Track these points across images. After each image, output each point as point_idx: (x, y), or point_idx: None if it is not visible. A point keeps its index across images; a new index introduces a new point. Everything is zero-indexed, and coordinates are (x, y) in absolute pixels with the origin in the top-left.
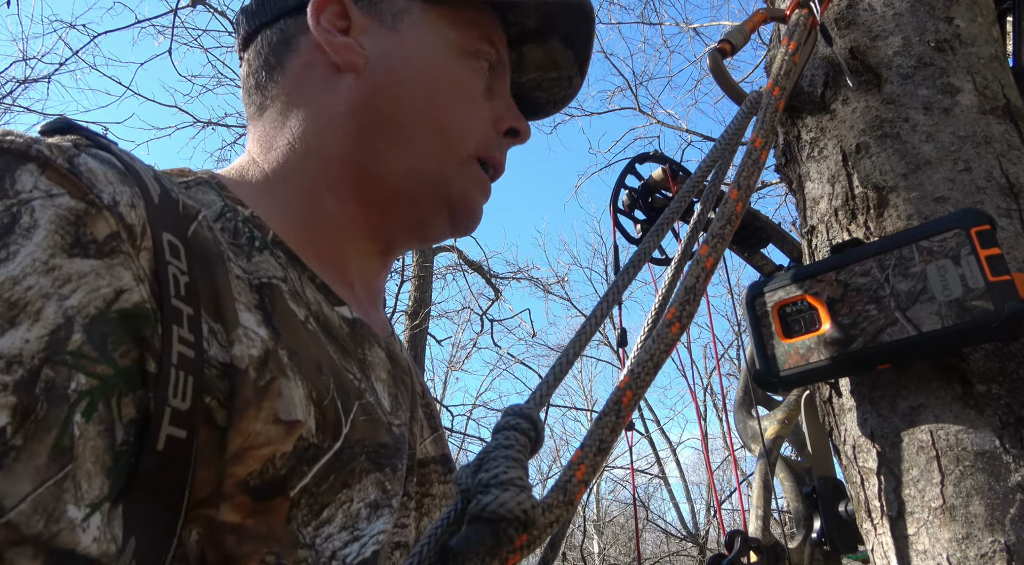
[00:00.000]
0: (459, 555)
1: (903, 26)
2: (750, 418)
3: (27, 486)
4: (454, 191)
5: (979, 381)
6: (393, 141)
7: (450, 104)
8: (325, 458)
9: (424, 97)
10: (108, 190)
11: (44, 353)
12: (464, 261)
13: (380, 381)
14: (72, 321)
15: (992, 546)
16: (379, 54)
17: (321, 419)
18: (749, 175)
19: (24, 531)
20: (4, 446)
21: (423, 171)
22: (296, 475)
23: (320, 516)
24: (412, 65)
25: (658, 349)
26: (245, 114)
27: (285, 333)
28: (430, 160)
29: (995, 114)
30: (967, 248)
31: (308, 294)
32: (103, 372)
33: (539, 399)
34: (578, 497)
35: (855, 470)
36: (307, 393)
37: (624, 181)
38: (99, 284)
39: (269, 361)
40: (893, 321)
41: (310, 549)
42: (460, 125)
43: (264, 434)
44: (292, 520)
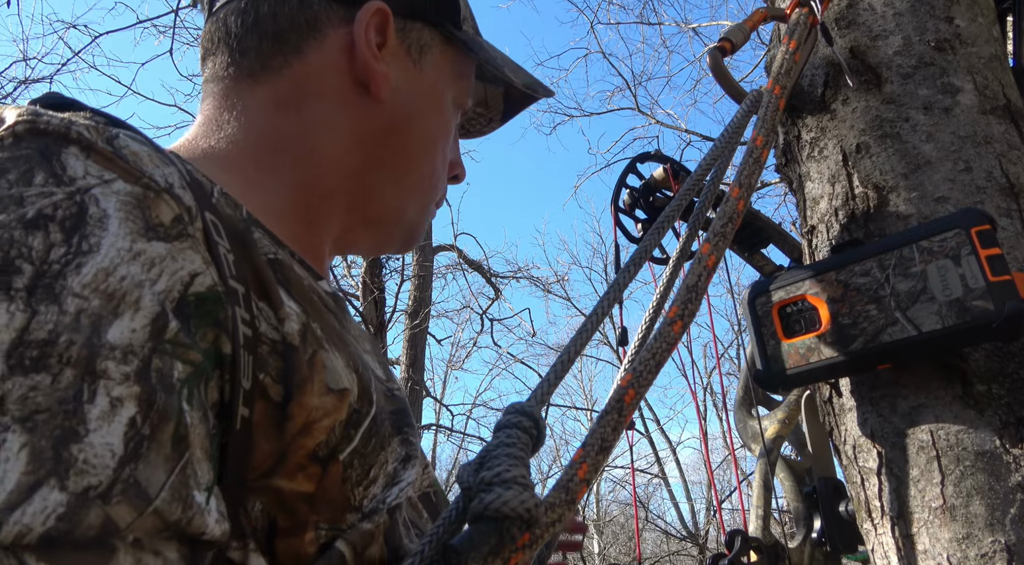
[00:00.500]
0: (462, 554)
1: (903, 26)
2: (750, 418)
3: (162, 475)
4: (414, 230)
5: (979, 381)
6: (391, 178)
7: (438, 153)
8: (367, 422)
9: (425, 144)
10: (158, 173)
11: (151, 343)
12: (464, 260)
13: (367, 353)
14: (165, 309)
15: (992, 546)
16: (403, 90)
17: (361, 387)
18: (750, 173)
19: (168, 518)
20: (138, 435)
21: (404, 210)
22: (346, 439)
23: (369, 475)
24: (424, 111)
25: (660, 348)
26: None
27: (308, 305)
28: (414, 201)
29: (995, 114)
30: (967, 248)
31: (297, 270)
32: (195, 359)
33: (540, 397)
34: (580, 496)
35: (855, 470)
36: (345, 362)
37: (625, 180)
38: (176, 267)
39: (307, 334)
40: (893, 321)
41: (357, 512)
42: (439, 173)
43: (322, 406)
44: (347, 481)
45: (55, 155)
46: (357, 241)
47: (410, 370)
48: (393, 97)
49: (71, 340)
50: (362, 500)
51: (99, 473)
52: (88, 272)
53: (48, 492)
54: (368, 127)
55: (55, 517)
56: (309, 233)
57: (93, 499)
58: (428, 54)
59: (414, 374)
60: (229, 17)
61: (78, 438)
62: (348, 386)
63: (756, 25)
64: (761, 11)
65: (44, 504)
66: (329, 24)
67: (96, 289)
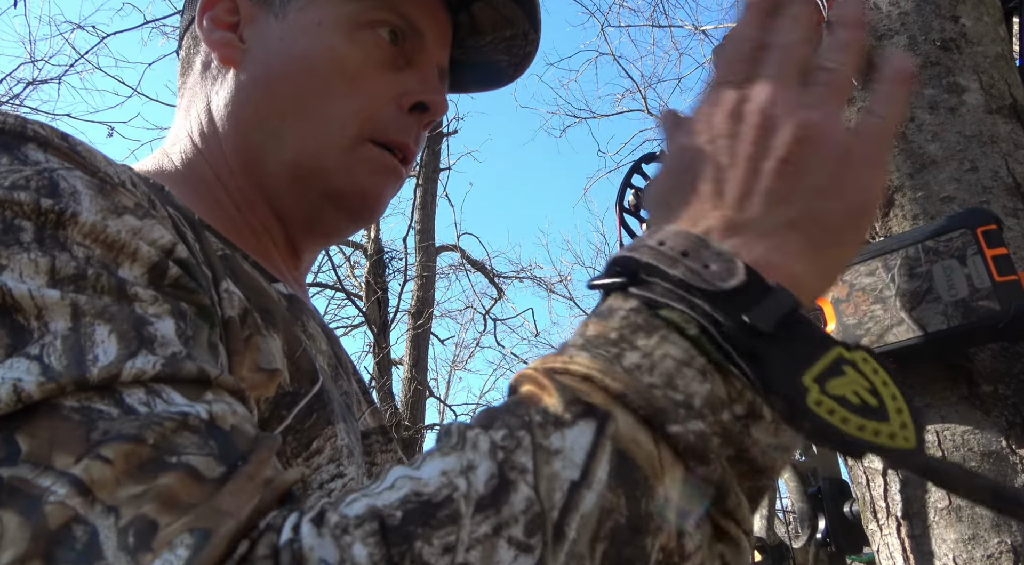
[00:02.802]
0: None
1: (909, 25)
2: None
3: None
4: (340, 180)
5: (985, 382)
6: (269, 133)
7: (327, 86)
8: (304, 401)
9: (297, 84)
10: (111, 170)
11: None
12: (467, 260)
13: (320, 353)
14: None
15: (998, 547)
16: (258, 46)
17: (295, 370)
18: None
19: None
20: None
21: (300, 163)
22: (276, 419)
23: (309, 447)
24: (288, 52)
25: None
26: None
27: (253, 295)
28: (307, 150)
29: (1001, 113)
30: (973, 248)
31: (247, 269)
32: (201, 301)
33: None
34: None
35: (860, 470)
36: (281, 346)
37: (630, 181)
38: (154, 236)
39: (248, 317)
40: (899, 321)
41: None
42: (340, 108)
43: (250, 379)
44: (281, 454)
45: (16, 148)
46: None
47: (413, 370)
48: (249, 58)
49: (98, 273)
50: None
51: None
52: (85, 222)
53: (144, 357)
54: (234, 92)
55: (160, 364)
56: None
57: (182, 359)
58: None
59: (417, 374)
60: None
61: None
62: (279, 368)
63: None
64: None
65: (147, 360)
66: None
67: (96, 239)
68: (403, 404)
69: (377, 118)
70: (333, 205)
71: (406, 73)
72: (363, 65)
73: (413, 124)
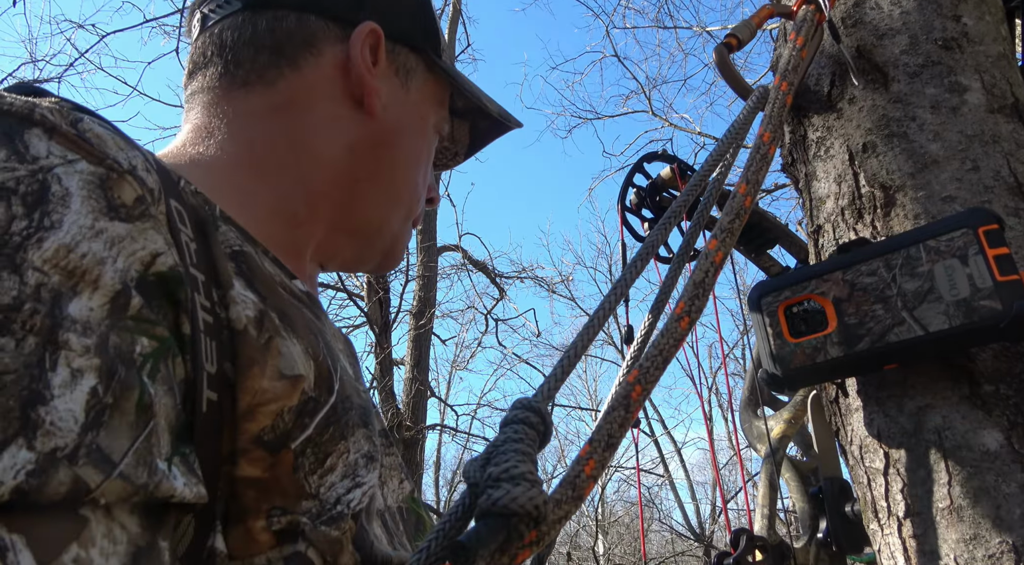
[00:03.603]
0: (469, 551)
1: (910, 24)
2: (756, 418)
3: (126, 441)
4: (394, 244)
5: (987, 381)
6: (376, 189)
7: (418, 171)
8: (323, 411)
9: (409, 160)
10: (121, 155)
11: (110, 320)
12: (469, 261)
13: (340, 351)
14: (127, 286)
15: (1000, 547)
16: (392, 107)
17: (318, 374)
18: (757, 170)
19: (135, 482)
20: (99, 404)
21: (387, 222)
22: (299, 427)
23: (324, 464)
24: (409, 129)
25: (667, 344)
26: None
27: (269, 295)
28: (394, 215)
29: (1003, 113)
30: (975, 247)
31: (267, 266)
32: (161, 334)
33: (547, 393)
34: (587, 492)
35: (862, 470)
36: (304, 349)
37: (632, 180)
38: (135, 248)
39: (264, 320)
40: (900, 321)
41: (314, 499)
42: (417, 192)
43: (271, 390)
44: (299, 469)
45: (18, 135)
46: (338, 252)
47: (415, 370)
48: (384, 113)
49: (34, 309)
50: (318, 488)
51: (65, 435)
52: (49, 247)
53: (17, 450)
54: (359, 138)
55: (25, 472)
56: (289, 236)
57: (60, 459)
58: (413, 77)
59: (419, 374)
60: (225, 31)
61: (44, 401)
62: (303, 373)
63: (763, 21)
64: (768, 7)
65: (13, 461)
66: (326, 41)
67: (56, 265)
68: (404, 404)
69: (420, 203)
70: (378, 256)
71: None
72: (429, 160)
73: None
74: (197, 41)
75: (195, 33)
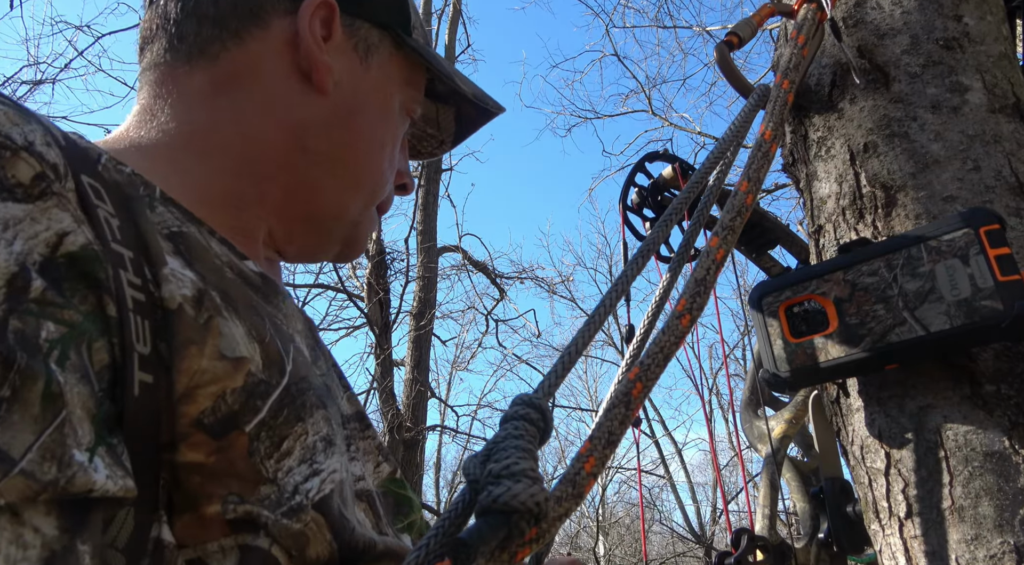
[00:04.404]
0: (469, 547)
1: (911, 24)
2: (757, 418)
3: (29, 436)
4: (355, 231)
5: (988, 381)
6: (330, 173)
7: (382, 154)
8: (276, 393)
9: (369, 142)
10: (16, 131)
11: (7, 304)
12: (469, 261)
13: (297, 333)
14: (26, 269)
15: (1001, 547)
16: (347, 84)
17: (266, 356)
18: (759, 168)
19: (41, 479)
20: None
21: (345, 208)
22: (250, 410)
23: (280, 448)
24: (368, 108)
25: (668, 341)
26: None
27: (209, 276)
28: (354, 200)
29: (1004, 113)
30: (976, 247)
31: (214, 246)
32: (71, 318)
33: (547, 389)
34: (587, 490)
35: (863, 471)
36: (247, 330)
37: (634, 179)
38: (37, 229)
39: (204, 299)
40: (901, 321)
41: (272, 484)
42: (382, 176)
43: (211, 370)
44: (255, 453)
45: None
46: (293, 238)
47: (415, 371)
48: (336, 91)
49: None
50: (276, 473)
51: None
52: None
53: None
54: (308, 118)
55: None
56: (237, 219)
57: None
58: (375, 54)
59: (419, 375)
60: (169, 3)
61: None
62: (246, 354)
63: (764, 19)
64: (769, 6)
65: None
66: (274, 13)
67: None
68: (405, 405)
69: (384, 189)
70: (339, 245)
71: (401, 154)
72: (395, 144)
73: (393, 196)
74: (146, 13)
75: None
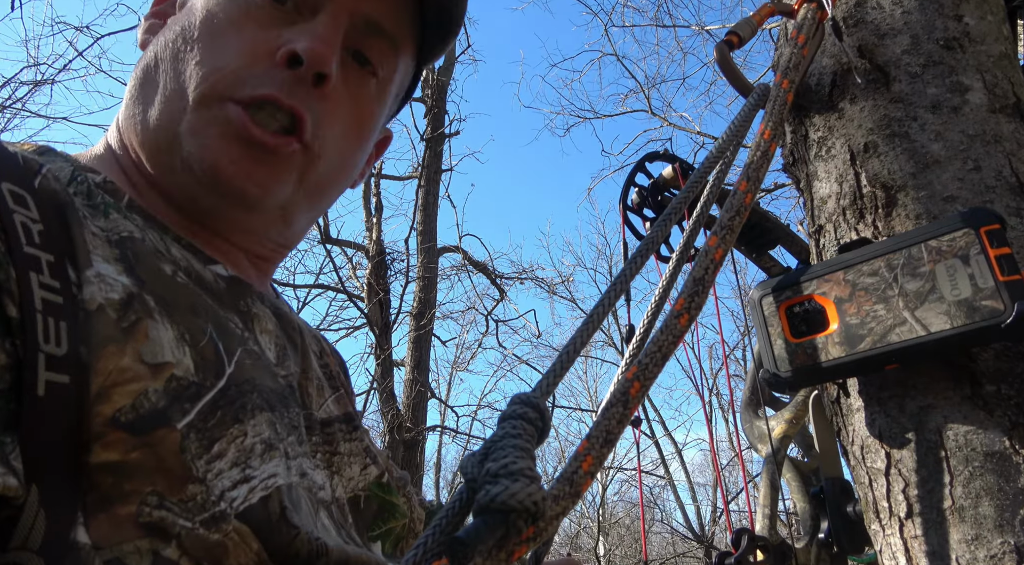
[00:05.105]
0: (467, 546)
1: (911, 24)
2: (757, 418)
3: None
4: (188, 145)
5: (988, 381)
6: (146, 102)
7: (196, 46)
8: (209, 395)
9: (173, 48)
10: None
11: None
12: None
13: (266, 333)
14: None
15: (1002, 547)
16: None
17: (199, 359)
18: (758, 167)
19: None
20: None
21: (155, 130)
22: (178, 411)
23: (211, 450)
24: (175, 24)
25: (666, 340)
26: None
27: (150, 280)
28: (159, 115)
29: (1005, 113)
30: (976, 247)
31: (174, 252)
32: None
33: (545, 388)
34: (584, 488)
35: (863, 471)
36: (178, 335)
37: (634, 179)
38: None
39: (134, 302)
40: (901, 321)
41: (201, 484)
42: (202, 65)
43: (132, 369)
44: (186, 451)
45: None
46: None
47: (415, 372)
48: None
49: None
50: (206, 474)
51: None
52: None
53: None
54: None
55: None
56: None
57: None
58: None
59: (419, 376)
60: None
61: None
62: (170, 360)
63: (764, 19)
64: (769, 5)
65: None
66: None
67: None
68: (405, 406)
69: (241, 74)
70: (195, 180)
71: (286, 28)
72: (236, 22)
73: (290, 79)
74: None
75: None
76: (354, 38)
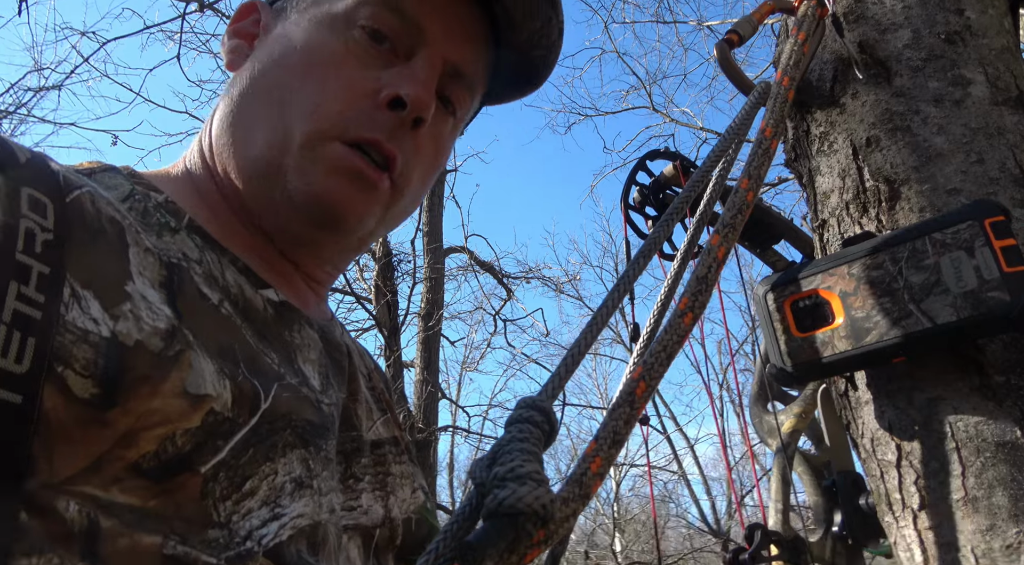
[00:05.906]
0: (477, 551)
1: (912, 19)
2: (766, 413)
3: None
4: (295, 180)
5: (997, 372)
6: (245, 129)
7: (299, 79)
8: (242, 432)
9: (273, 78)
10: None
11: None
12: (476, 262)
13: (309, 362)
14: None
15: (1017, 537)
16: (260, 50)
17: (238, 394)
18: (760, 165)
19: None
20: None
21: (263, 159)
22: (208, 450)
23: (242, 489)
24: (274, 49)
25: (671, 340)
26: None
27: (188, 315)
28: (270, 145)
29: (1007, 105)
30: (981, 239)
31: (228, 277)
32: None
33: (551, 391)
34: (594, 490)
35: (874, 463)
36: (217, 368)
37: (635, 178)
38: None
39: (176, 334)
40: (907, 314)
41: (223, 529)
42: (305, 102)
43: (162, 411)
44: (208, 495)
45: None
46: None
47: (425, 372)
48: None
49: None
50: (230, 516)
51: None
52: None
53: None
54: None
55: None
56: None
57: None
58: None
59: (429, 376)
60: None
61: None
62: (212, 392)
63: (764, 17)
64: (769, 3)
65: None
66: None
67: None
68: (416, 407)
69: (346, 115)
70: (294, 209)
71: (385, 71)
72: (338, 60)
73: (391, 122)
74: None
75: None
76: (442, 83)
